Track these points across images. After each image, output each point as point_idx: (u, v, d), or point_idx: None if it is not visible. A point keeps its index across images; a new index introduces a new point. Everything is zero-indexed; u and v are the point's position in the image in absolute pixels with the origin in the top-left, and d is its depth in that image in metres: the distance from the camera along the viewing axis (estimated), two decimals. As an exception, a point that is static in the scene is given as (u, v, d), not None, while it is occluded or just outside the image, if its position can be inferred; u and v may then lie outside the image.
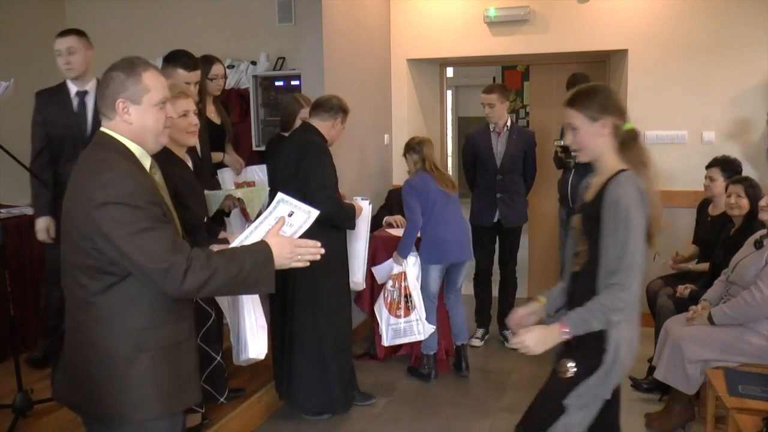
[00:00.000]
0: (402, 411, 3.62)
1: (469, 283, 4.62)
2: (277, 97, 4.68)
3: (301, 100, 3.67)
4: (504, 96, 4.43)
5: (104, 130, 1.77)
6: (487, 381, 4.07)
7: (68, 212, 1.71)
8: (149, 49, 4.02)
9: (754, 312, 2.95)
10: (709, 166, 3.84)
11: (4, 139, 3.16)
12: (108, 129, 1.77)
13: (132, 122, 1.75)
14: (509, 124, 4.48)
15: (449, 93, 8.91)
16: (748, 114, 4.51)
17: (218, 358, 3.02)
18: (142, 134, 1.77)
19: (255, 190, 3.27)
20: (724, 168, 3.74)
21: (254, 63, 4.95)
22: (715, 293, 3.26)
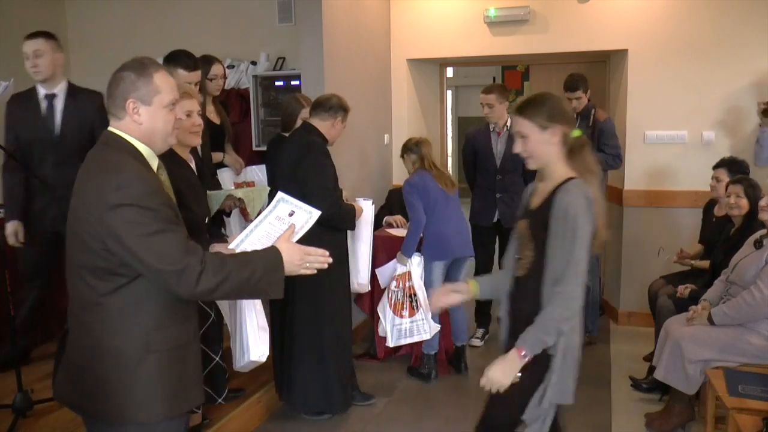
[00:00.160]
0: (402, 411, 3.62)
1: (469, 283, 4.61)
2: (277, 97, 4.68)
3: (302, 100, 3.67)
4: (503, 96, 4.43)
5: (113, 130, 1.76)
6: (487, 381, 4.07)
7: (77, 213, 1.69)
8: (149, 49, 3.99)
9: (754, 312, 2.95)
10: (716, 167, 3.83)
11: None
12: (116, 129, 1.75)
13: (142, 123, 1.73)
14: (509, 124, 4.48)
15: (449, 93, 8.91)
16: (748, 114, 4.50)
17: (217, 359, 3.02)
18: (152, 135, 1.76)
19: (255, 190, 3.27)
20: (731, 169, 3.72)
21: (254, 63, 4.95)
22: (715, 293, 3.26)
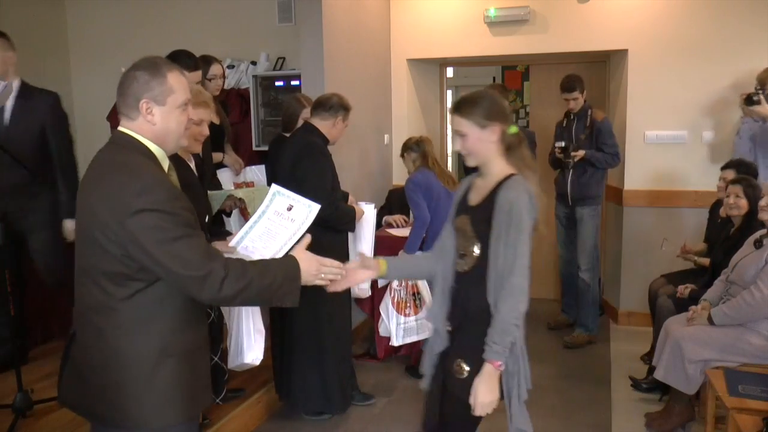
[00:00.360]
0: (402, 411, 3.61)
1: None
2: (277, 97, 4.68)
3: (303, 100, 3.67)
4: (503, 96, 4.41)
5: (124, 131, 1.72)
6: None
7: (94, 216, 1.63)
8: (149, 49, 3.95)
9: (754, 312, 2.95)
10: (725, 168, 3.82)
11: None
12: (128, 129, 1.72)
13: (156, 123, 1.70)
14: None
15: (449, 93, 8.89)
16: (748, 114, 4.50)
17: (215, 359, 3.02)
18: (165, 136, 1.73)
19: (256, 190, 3.27)
20: (740, 171, 3.70)
21: (254, 63, 4.95)
22: (715, 293, 3.27)
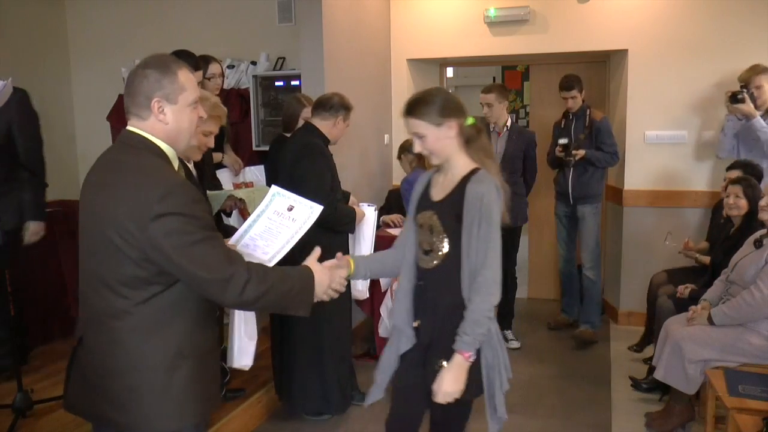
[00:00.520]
0: (402, 411, 3.61)
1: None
2: (277, 97, 4.68)
3: (303, 100, 3.67)
4: (502, 96, 4.43)
5: (135, 130, 1.67)
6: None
7: (109, 219, 1.58)
8: (149, 49, 3.98)
9: (754, 312, 2.95)
10: (730, 168, 3.82)
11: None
12: (138, 129, 1.67)
13: (168, 122, 1.66)
14: (509, 125, 4.48)
15: (449, 93, 8.91)
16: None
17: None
18: (177, 135, 1.70)
19: (256, 191, 3.27)
20: (746, 171, 3.69)
21: (254, 63, 4.95)
22: (715, 293, 3.27)
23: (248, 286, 1.62)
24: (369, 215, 3.56)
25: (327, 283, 1.87)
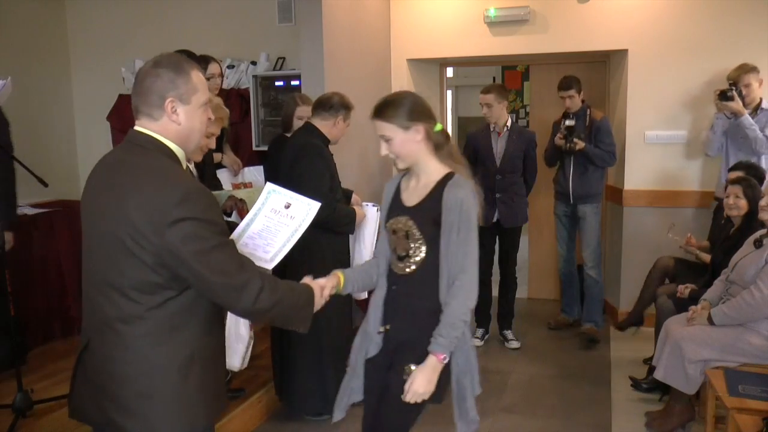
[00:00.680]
0: (402, 411, 3.61)
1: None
2: (277, 97, 4.68)
3: (298, 99, 3.67)
4: (502, 96, 4.43)
5: (143, 131, 1.63)
6: (487, 381, 4.05)
7: (112, 221, 1.55)
8: (149, 49, 4.00)
9: (754, 312, 2.95)
10: (732, 169, 3.83)
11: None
12: (148, 129, 1.63)
13: (181, 123, 1.63)
14: (509, 125, 4.49)
15: (449, 93, 8.90)
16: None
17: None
18: (189, 135, 1.67)
19: (257, 191, 3.24)
20: (748, 173, 3.68)
21: (254, 63, 4.95)
22: (715, 293, 3.27)
23: (262, 295, 1.61)
24: (371, 215, 3.55)
25: (317, 300, 1.90)
